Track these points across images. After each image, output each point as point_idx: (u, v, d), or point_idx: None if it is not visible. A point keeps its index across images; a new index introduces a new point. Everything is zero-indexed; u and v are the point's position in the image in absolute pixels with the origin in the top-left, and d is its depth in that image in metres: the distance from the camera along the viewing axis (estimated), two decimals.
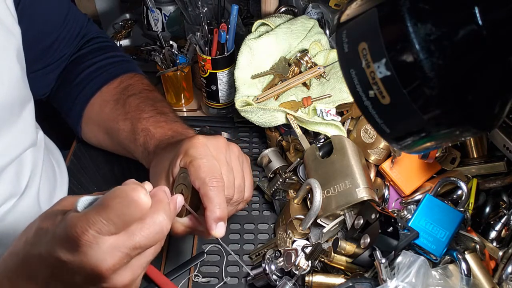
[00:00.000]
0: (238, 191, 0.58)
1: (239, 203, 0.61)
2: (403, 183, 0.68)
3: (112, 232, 0.38)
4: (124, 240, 0.39)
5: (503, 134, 0.63)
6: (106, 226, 0.38)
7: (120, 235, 0.39)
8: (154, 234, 0.41)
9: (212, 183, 0.51)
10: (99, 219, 0.37)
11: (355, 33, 0.33)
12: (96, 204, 0.39)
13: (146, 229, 0.40)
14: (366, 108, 0.33)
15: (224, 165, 0.56)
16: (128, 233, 0.39)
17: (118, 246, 0.39)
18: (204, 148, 0.54)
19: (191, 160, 0.53)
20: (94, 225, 0.37)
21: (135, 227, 0.40)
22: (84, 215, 0.38)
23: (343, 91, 0.76)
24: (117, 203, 0.38)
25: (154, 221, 0.41)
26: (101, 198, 0.39)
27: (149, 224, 0.40)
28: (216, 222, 0.51)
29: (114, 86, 0.77)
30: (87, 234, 0.37)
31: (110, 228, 0.38)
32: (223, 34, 0.83)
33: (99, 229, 0.37)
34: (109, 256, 0.38)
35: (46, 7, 0.72)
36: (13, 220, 0.64)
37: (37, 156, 0.70)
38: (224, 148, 0.58)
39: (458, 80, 0.30)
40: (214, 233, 0.51)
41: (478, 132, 0.32)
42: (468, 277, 0.53)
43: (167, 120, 0.70)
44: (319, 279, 0.59)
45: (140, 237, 0.40)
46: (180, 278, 0.66)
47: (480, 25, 0.28)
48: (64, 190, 0.78)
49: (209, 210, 0.51)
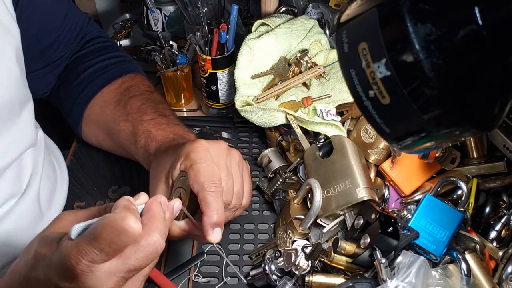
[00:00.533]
0: (237, 197, 0.58)
1: (237, 209, 0.61)
2: (403, 183, 0.68)
3: (105, 260, 0.39)
4: (119, 264, 0.40)
5: (503, 134, 0.63)
6: (99, 256, 0.38)
7: (115, 260, 0.40)
8: (148, 255, 0.41)
9: (211, 188, 0.51)
10: (91, 249, 0.38)
11: (355, 33, 0.33)
12: (88, 233, 0.39)
13: (140, 252, 0.40)
14: (366, 108, 0.33)
15: (224, 171, 0.56)
16: (122, 258, 0.40)
17: (113, 272, 0.39)
18: (205, 153, 0.54)
19: (191, 164, 0.53)
20: (87, 255, 0.38)
21: (129, 250, 0.40)
22: (76, 246, 0.38)
23: (343, 91, 0.76)
24: (107, 233, 0.38)
25: (148, 243, 0.41)
26: (92, 227, 0.39)
27: (143, 246, 0.41)
28: (213, 227, 0.51)
29: (116, 87, 0.77)
30: (80, 264, 0.38)
31: (102, 256, 0.38)
32: (223, 34, 0.83)
33: (92, 259, 0.38)
34: (105, 281, 0.39)
35: (46, 7, 0.72)
36: (14, 220, 0.64)
37: (38, 156, 0.70)
38: (225, 153, 0.58)
39: (458, 80, 0.30)
40: (210, 239, 0.51)
41: (478, 132, 0.32)
42: (468, 277, 0.53)
43: (169, 123, 0.70)
44: (319, 279, 0.59)
45: (135, 260, 0.40)
46: (180, 278, 0.66)
47: (480, 25, 0.28)
48: (64, 190, 0.77)
49: (206, 215, 0.51)
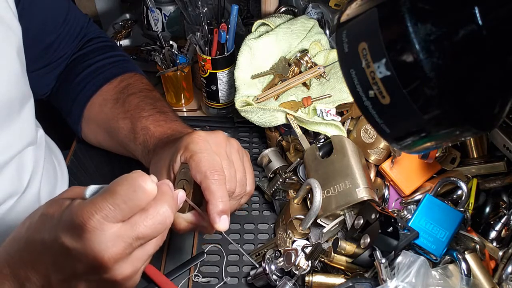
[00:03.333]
0: (240, 184, 0.58)
1: (242, 197, 0.61)
2: (403, 183, 0.68)
3: (117, 219, 0.39)
4: (127, 229, 0.40)
5: (503, 134, 0.63)
6: (113, 212, 0.38)
7: (124, 225, 0.40)
8: (157, 224, 0.41)
9: (214, 176, 0.51)
10: (106, 204, 0.38)
11: (355, 33, 0.33)
12: (103, 190, 0.39)
13: (149, 219, 0.41)
14: (366, 108, 0.33)
15: (225, 159, 0.56)
16: (131, 223, 0.40)
17: (121, 235, 0.39)
18: (204, 143, 0.54)
19: (192, 155, 0.53)
20: (101, 210, 0.38)
21: (139, 217, 0.40)
22: (91, 201, 0.38)
23: (343, 91, 0.76)
24: (124, 189, 0.39)
25: (157, 212, 0.41)
26: (108, 185, 0.40)
27: (152, 214, 0.41)
28: (220, 215, 0.51)
29: (114, 85, 0.77)
30: (92, 219, 0.38)
31: (116, 213, 0.38)
32: (223, 34, 0.83)
33: (105, 215, 0.38)
34: (112, 244, 0.39)
35: (46, 6, 0.72)
36: (14, 218, 0.64)
37: (38, 154, 0.70)
38: (224, 142, 0.58)
39: (458, 80, 0.30)
40: (218, 227, 0.51)
41: (478, 132, 0.32)
42: (468, 277, 0.53)
43: (167, 119, 0.70)
44: (319, 279, 0.59)
45: (143, 227, 0.40)
46: (180, 278, 0.65)
47: (480, 25, 0.28)
48: (64, 189, 0.77)
49: (212, 203, 0.51)
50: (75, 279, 0.41)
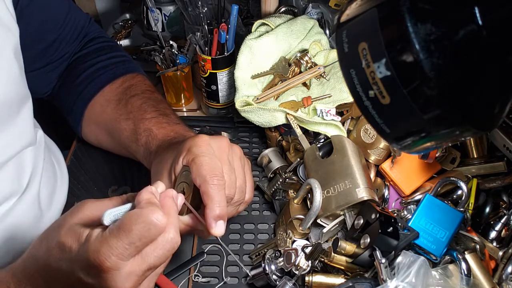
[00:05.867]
0: (239, 191, 0.58)
1: (240, 204, 0.61)
2: (403, 183, 0.68)
3: (132, 256, 0.40)
4: (140, 263, 0.41)
5: (503, 134, 0.63)
6: (128, 251, 0.40)
7: (136, 259, 0.41)
8: (166, 252, 0.43)
9: (213, 181, 0.51)
10: (121, 244, 0.39)
11: (355, 33, 0.33)
12: (117, 228, 0.40)
13: (159, 249, 0.42)
14: (366, 108, 0.33)
15: (226, 165, 0.56)
16: (142, 256, 0.41)
17: (134, 270, 0.41)
18: (207, 147, 0.55)
19: (194, 158, 0.53)
20: (116, 250, 0.39)
21: (149, 248, 0.42)
22: (106, 240, 0.39)
23: (343, 91, 0.76)
24: (139, 228, 0.40)
25: (166, 240, 0.42)
26: (119, 222, 0.40)
27: (161, 244, 0.42)
28: (216, 220, 0.51)
29: (116, 86, 0.77)
30: (109, 260, 0.39)
31: (131, 252, 0.40)
32: (223, 34, 0.83)
33: (121, 254, 0.39)
34: (127, 280, 0.41)
35: (46, 6, 0.72)
36: (14, 218, 0.64)
37: (38, 155, 0.70)
38: (227, 148, 0.58)
39: (458, 80, 0.30)
40: (213, 231, 0.51)
41: (478, 132, 0.32)
42: (468, 277, 0.53)
43: (169, 122, 0.70)
44: (319, 279, 0.59)
45: (154, 258, 0.42)
46: (180, 278, 0.66)
47: (480, 25, 0.28)
48: (64, 189, 0.78)
49: (209, 208, 0.51)
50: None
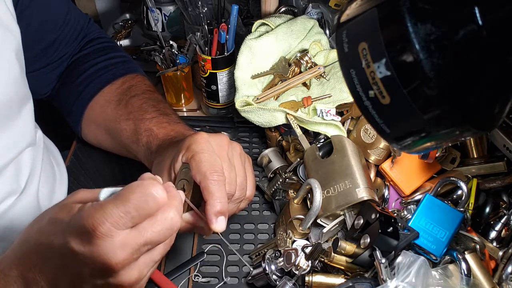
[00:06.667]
0: (240, 188, 0.58)
1: (241, 201, 0.61)
2: (403, 183, 0.68)
3: (127, 226, 0.39)
4: (136, 235, 0.40)
5: (503, 134, 0.63)
6: (123, 219, 0.39)
7: (132, 230, 0.40)
8: (165, 230, 0.42)
9: (213, 177, 0.51)
10: (117, 211, 0.38)
11: (355, 33, 0.33)
12: (114, 196, 0.40)
13: (157, 225, 0.41)
14: (366, 108, 0.33)
15: (226, 161, 0.56)
16: (139, 229, 0.40)
17: (129, 241, 0.40)
18: (206, 144, 0.55)
19: (193, 155, 0.53)
20: (111, 217, 0.38)
21: (147, 223, 0.41)
22: (102, 207, 0.39)
23: (343, 91, 0.76)
24: (136, 197, 0.39)
25: (165, 218, 0.42)
26: (119, 192, 0.40)
27: (160, 220, 0.41)
28: (217, 216, 0.51)
29: (116, 87, 0.77)
30: (102, 226, 0.38)
31: (126, 221, 0.39)
32: (223, 34, 0.83)
33: (115, 222, 0.38)
34: (120, 250, 0.39)
35: (46, 7, 0.72)
36: (13, 218, 0.64)
37: (36, 155, 0.70)
38: (226, 145, 0.58)
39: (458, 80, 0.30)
40: (214, 227, 0.51)
41: (478, 132, 0.32)
42: (468, 277, 0.53)
43: (170, 121, 0.70)
44: (319, 279, 0.59)
45: (151, 233, 0.41)
46: (180, 278, 0.66)
47: (480, 25, 0.28)
48: (63, 189, 0.78)
49: (210, 204, 0.51)
50: (82, 283, 0.41)
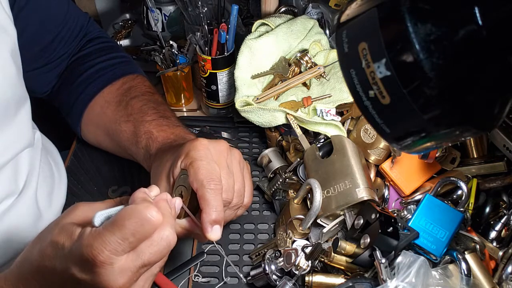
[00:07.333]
0: (238, 195, 0.58)
1: (238, 208, 0.61)
2: (403, 183, 0.68)
3: (125, 251, 0.40)
4: (134, 259, 0.41)
5: (503, 134, 0.63)
6: (121, 246, 0.39)
7: (130, 255, 0.41)
8: (162, 249, 0.42)
9: (210, 186, 0.51)
10: (114, 239, 0.39)
11: (355, 33, 0.33)
12: (110, 223, 0.40)
13: (154, 246, 0.42)
14: (366, 108, 0.33)
15: (225, 169, 0.56)
16: (137, 252, 0.41)
17: (128, 266, 0.40)
18: (205, 151, 0.55)
19: (191, 162, 0.53)
20: (109, 245, 0.39)
21: (144, 245, 0.41)
22: (99, 235, 0.39)
23: (343, 91, 0.76)
24: (132, 223, 0.39)
25: (161, 237, 0.42)
26: (114, 218, 0.40)
27: (156, 241, 0.42)
28: (212, 225, 0.51)
29: (116, 88, 0.77)
30: (102, 254, 0.39)
31: (124, 247, 0.39)
32: (223, 34, 0.83)
33: (114, 249, 0.39)
34: (120, 276, 0.40)
35: (44, 6, 0.72)
36: (11, 219, 0.64)
37: (34, 156, 0.70)
38: (225, 152, 0.58)
39: (458, 80, 0.30)
40: (209, 236, 0.51)
41: (478, 132, 0.32)
42: (468, 277, 0.53)
43: (170, 124, 0.70)
44: (319, 279, 0.59)
45: (149, 255, 0.41)
46: (180, 278, 0.65)
47: (480, 25, 0.28)
48: (62, 190, 0.77)
49: (205, 212, 0.51)
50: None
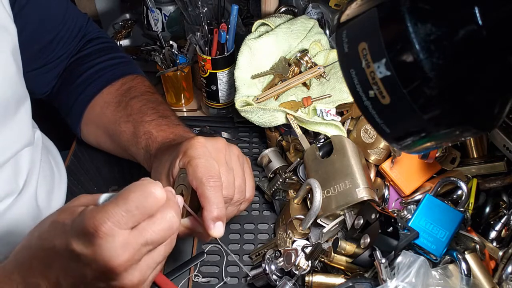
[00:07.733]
0: (239, 191, 0.58)
1: (241, 203, 0.61)
2: (403, 183, 0.68)
3: (128, 225, 0.40)
4: (136, 235, 0.41)
5: (503, 134, 0.63)
6: (125, 218, 0.39)
7: (133, 231, 0.40)
8: (164, 230, 0.42)
9: (209, 183, 0.51)
10: (118, 211, 0.39)
11: (355, 33, 0.33)
12: (115, 197, 0.40)
13: (157, 224, 0.42)
14: (366, 108, 0.33)
15: (224, 165, 0.56)
16: (139, 229, 0.41)
17: (130, 242, 0.40)
18: (202, 149, 0.55)
19: (189, 160, 0.53)
20: (113, 217, 0.39)
21: (146, 223, 0.41)
22: (103, 208, 0.39)
23: (343, 91, 0.76)
24: (136, 195, 0.40)
25: (164, 217, 0.42)
26: (119, 193, 0.40)
27: (159, 220, 0.42)
28: (214, 221, 0.51)
29: (116, 88, 0.77)
30: (104, 225, 0.38)
31: (127, 220, 0.39)
32: (223, 34, 0.83)
33: (117, 221, 0.39)
34: (122, 251, 0.40)
35: (44, 6, 0.72)
36: (11, 218, 0.64)
37: (34, 155, 0.70)
38: (223, 148, 0.58)
39: (458, 80, 0.30)
40: (212, 233, 0.51)
41: (478, 132, 0.32)
42: (468, 277, 0.53)
43: (169, 124, 0.70)
44: (319, 279, 0.59)
45: (151, 233, 0.41)
46: (180, 278, 0.65)
47: (480, 25, 0.28)
48: (62, 189, 0.77)
49: (207, 210, 0.51)
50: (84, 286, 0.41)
